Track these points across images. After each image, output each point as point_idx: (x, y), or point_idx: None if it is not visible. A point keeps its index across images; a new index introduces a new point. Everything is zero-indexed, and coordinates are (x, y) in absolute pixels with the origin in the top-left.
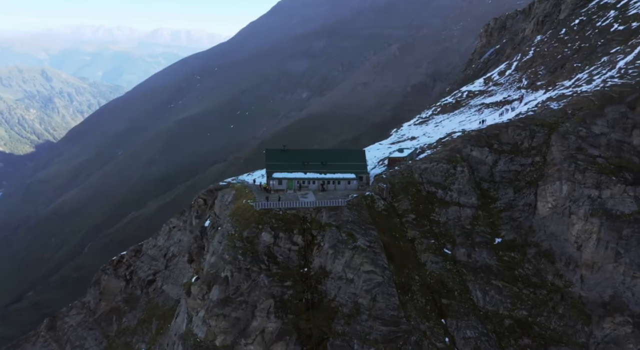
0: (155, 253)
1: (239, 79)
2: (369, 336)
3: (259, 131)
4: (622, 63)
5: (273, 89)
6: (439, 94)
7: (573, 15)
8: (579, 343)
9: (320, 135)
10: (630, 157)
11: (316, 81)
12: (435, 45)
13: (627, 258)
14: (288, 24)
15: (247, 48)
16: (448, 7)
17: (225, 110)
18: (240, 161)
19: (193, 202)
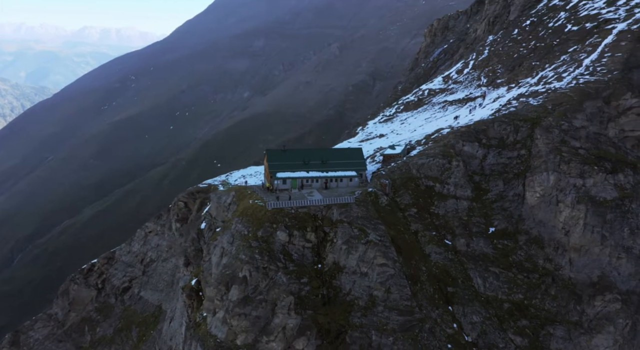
0: (131, 259)
1: (177, 78)
2: (386, 326)
3: (200, 132)
4: (587, 61)
5: (213, 88)
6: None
7: (522, 16)
8: (572, 321)
9: (264, 135)
10: (607, 147)
11: (257, 80)
12: (373, 45)
13: (612, 240)
14: (226, 22)
15: (184, 47)
16: (384, 7)
17: (163, 111)
18: (182, 163)
19: (172, 205)
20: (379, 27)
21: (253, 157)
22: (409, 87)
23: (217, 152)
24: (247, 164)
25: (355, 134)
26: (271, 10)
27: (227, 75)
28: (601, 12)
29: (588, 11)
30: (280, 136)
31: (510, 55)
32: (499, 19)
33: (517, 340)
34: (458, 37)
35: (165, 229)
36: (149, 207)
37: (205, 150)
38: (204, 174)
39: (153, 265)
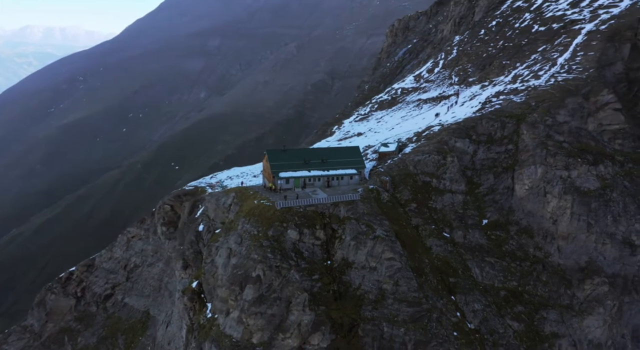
0: (113, 265)
1: (129, 79)
2: (397, 318)
3: (155, 134)
4: (561, 60)
5: (168, 89)
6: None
7: (487, 17)
8: (564, 305)
9: (223, 135)
10: (587, 141)
11: (214, 80)
12: (330, 45)
13: (597, 228)
14: (179, 21)
15: (136, 46)
16: (339, 7)
17: (116, 113)
18: (137, 167)
19: (158, 209)
20: (335, 27)
21: (213, 158)
22: (376, 87)
23: (175, 154)
24: (207, 165)
25: (331, 133)
26: (226, 9)
27: (182, 75)
28: (566, 14)
29: (553, 12)
30: (239, 136)
31: (479, 55)
32: (465, 19)
33: (514, 325)
34: (421, 37)
35: (150, 233)
36: (104, 213)
37: (162, 152)
38: (161, 177)
39: (138, 270)
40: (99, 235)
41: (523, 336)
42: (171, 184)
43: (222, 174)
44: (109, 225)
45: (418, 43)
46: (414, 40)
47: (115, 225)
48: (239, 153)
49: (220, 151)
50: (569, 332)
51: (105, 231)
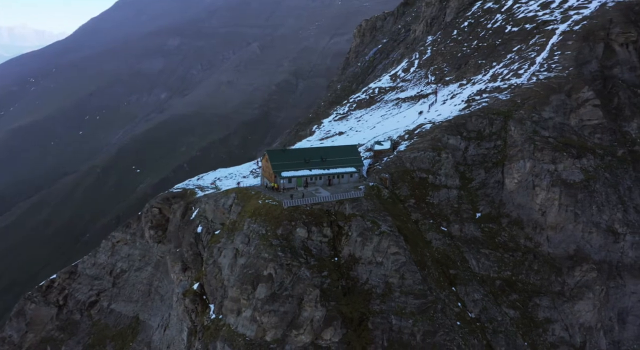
0: (97, 272)
1: (84, 80)
2: (405, 310)
3: (114, 136)
4: (539, 59)
5: (127, 89)
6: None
7: (458, 18)
8: (555, 292)
9: (187, 137)
10: (570, 135)
11: (175, 81)
12: (294, 44)
13: (584, 217)
14: (137, 20)
15: (90, 46)
16: (301, 7)
17: (71, 116)
18: (96, 171)
19: (145, 212)
20: (298, 27)
21: (177, 161)
22: (348, 86)
23: (136, 157)
24: (171, 167)
25: (311, 132)
26: (185, 7)
27: (141, 76)
28: (538, 14)
29: (524, 13)
30: (204, 137)
31: (454, 55)
32: (436, 20)
33: (510, 313)
34: (391, 37)
35: (137, 237)
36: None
37: (122, 155)
38: (122, 181)
39: (124, 275)
40: (58, 242)
41: (519, 323)
42: (132, 188)
43: (209, 175)
44: (68, 232)
45: (388, 43)
46: (384, 40)
47: (75, 231)
48: (204, 155)
49: (184, 153)
50: (561, 317)
51: (65, 238)
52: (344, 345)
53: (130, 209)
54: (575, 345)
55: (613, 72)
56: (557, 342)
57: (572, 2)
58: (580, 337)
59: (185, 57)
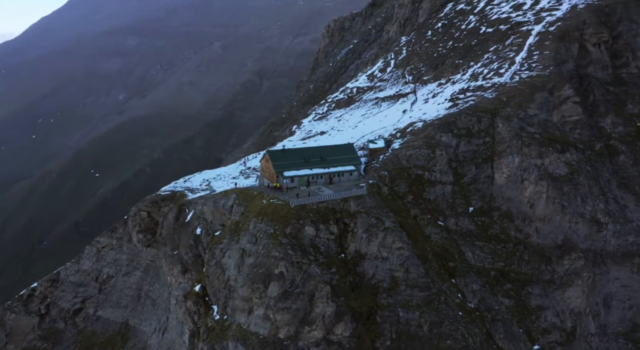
0: (81, 278)
1: (37, 81)
2: (411, 303)
3: (71, 140)
4: (519, 59)
5: (82, 91)
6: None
7: (431, 19)
8: (546, 280)
9: (148, 138)
10: (553, 131)
11: (133, 81)
12: (257, 44)
13: (570, 209)
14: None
15: (42, 46)
16: (264, 7)
17: (22, 119)
18: (52, 176)
19: (132, 216)
20: (261, 26)
21: (138, 163)
22: (321, 86)
23: (94, 161)
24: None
25: (291, 132)
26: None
27: (97, 76)
28: (511, 16)
29: (498, 15)
30: (166, 139)
31: (429, 55)
32: (409, 21)
33: (505, 301)
34: (362, 37)
35: (124, 242)
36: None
37: (79, 159)
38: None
39: (111, 281)
40: (13, 251)
41: (513, 311)
42: (91, 193)
43: (196, 177)
44: (23, 240)
45: (359, 43)
46: (355, 41)
47: (31, 239)
48: (167, 157)
49: (146, 155)
50: (552, 304)
51: (20, 246)
52: (354, 339)
53: (90, 215)
54: (567, 330)
55: (587, 71)
56: (549, 327)
57: (543, 4)
58: (571, 322)
59: (144, 57)
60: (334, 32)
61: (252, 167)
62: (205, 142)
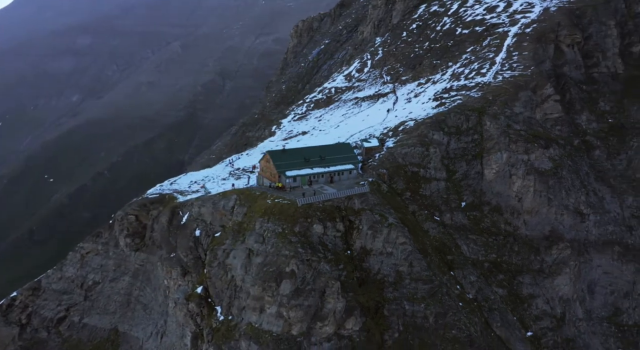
0: (65, 286)
1: None
2: (416, 295)
3: (22, 143)
4: (499, 59)
5: (33, 92)
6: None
7: (405, 20)
8: (535, 270)
9: (106, 142)
10: (537, 128)
11: (88, 82)
12: (218, 44)
13: (556, 201)
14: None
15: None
16: (223, 6)
17: None
18: (3, 182)
19: (120, 220)
20: (221, 26)
21: (95, 167)
22: (294, 86)
23: (48, 166)
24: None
25: (271, 133)
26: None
27: (49, 77)
28: (486, 18)
29: (472, 17)
30: (125, 142)
31: (406, 55)
32: (383, 22)
33: (499, 291)
34: (333, 38)
35: (110, 247)
36: None
37: (32, 164)
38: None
39: (98, 287)
40: None
41: (507, 300)
42: (46, 199)
43: (182, 179)
44: None
45: (331, 44)
46: (326, 41)
47: None
48: (126, 160)
49: (104, 159)
50: (542, 292)
51: None
52: (364, 332)
53: (44, 222)
54: (557, 316)
55: (563, 71)
56: (540, 314)
57: (516, 7)
58: (560, 309)
59: (99, 57)
60: (303, 32)
61: (242, 168)
62: (167, 144)
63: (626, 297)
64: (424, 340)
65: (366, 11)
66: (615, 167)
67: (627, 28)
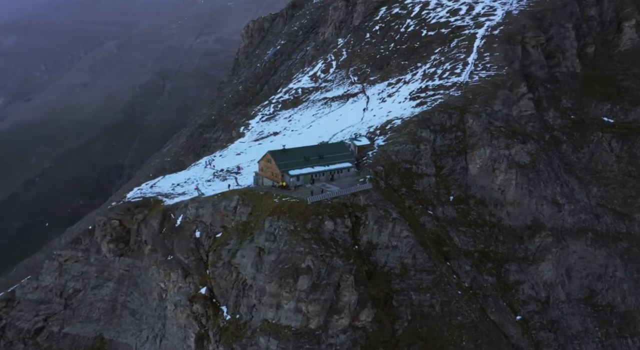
0: (42, 295)
1: None
2: (421, 286)
3: None
4: (471, 59)
5: None
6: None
7: (367, 22)
8: (520, 257)
9: (37, 146)
10: (514, 124)
11: (14, 84)
12: (156, 43)
13: (536, 193)
14: None
15: None
16: (160, 4)
17: None
18: None
19: (102, 225)
20: (159, 25)
21: (26, 174)
22: (252, 87)
23: None
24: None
25: (240, 134)
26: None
27: None
28: (450, 20)
29: (436, 19)
30: (58, 146)
31: (372, 56)
32: (345, 23)
33: (489, 279)
34: (288, 39)
35: (91, 253)
36: None
37: None
38: None
39: (79, 295)
40: None
41: (496, 286)
42: None
43: (161, 182)
44: None
45: (287, 44)
46: (282, 42)
47: None
48: (60, 165)
49: (35, 165)
50: (527, 278)
51: None
52: (376, 323)
53: None
54: (541, 299)
55: (530, 70)
56: (527, 299)
57: (478, 10)
58: (544, 293)
59: (26, 57)
60: (254, 32)
61: (225, 169)
62: (105, 148)
63: (599, 280)
64: (431, 328)
65: (322, 12)
66: (580, 160)
67: (581, 30)
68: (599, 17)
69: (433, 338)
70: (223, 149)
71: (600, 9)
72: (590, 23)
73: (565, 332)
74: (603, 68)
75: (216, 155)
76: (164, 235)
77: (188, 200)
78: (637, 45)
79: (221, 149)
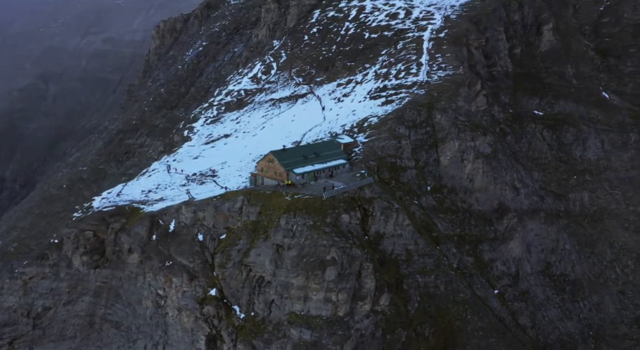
0: (6, 317)
1: None
2: (426, 269)
3: None
4: (423, 60)
5: None
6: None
7: (303, 24)
8: (491, 238)
9: None
10: (474, 119)
11: None
12: (35, 44)
13: (500, 179)
14: None
15: None
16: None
17: None
18: None
19: (74, 238)
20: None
21: None
22: (176, 89)
23: None
24: None
25: (185, 137)
26: None
27: None
28: (391, 24)
29: (377, 22)
30: None
31: (314, 58)
32: (278, 25)
33: (469, 260)
34: (210, 40)
35: (61, 268)
36: None
37: None
38: None
39: (49, 313)
40: None
41: (475, 266)
42: None
43: (128, 190)
44: None
45: (209, 46)
46: (203, 43)
47: None
48: None
49: None
50: (499, 256)
51: None
52: (392, 306)
53: None
54: (512, 274)
55: (477, 69)
56: (500, 274)
57: (416, 14)
58: (514, 268)
59: None
60: (165, 33)
61: (198, 173)
62: None
63: (553, 253)
64: (439, 306)
65: (245, 14)
66: (521, 149)
67: (509, 33)
68: (522, 21)
69: (441, 315)
70: (172, 153)
71: (522, 14)
72: (515, 27)
73: (534, 301)
74: (529, 67)
75: (169, 160)
76: (157, 241)
77: (179, 205)
78: (555, 46)
79: (169, 154)
